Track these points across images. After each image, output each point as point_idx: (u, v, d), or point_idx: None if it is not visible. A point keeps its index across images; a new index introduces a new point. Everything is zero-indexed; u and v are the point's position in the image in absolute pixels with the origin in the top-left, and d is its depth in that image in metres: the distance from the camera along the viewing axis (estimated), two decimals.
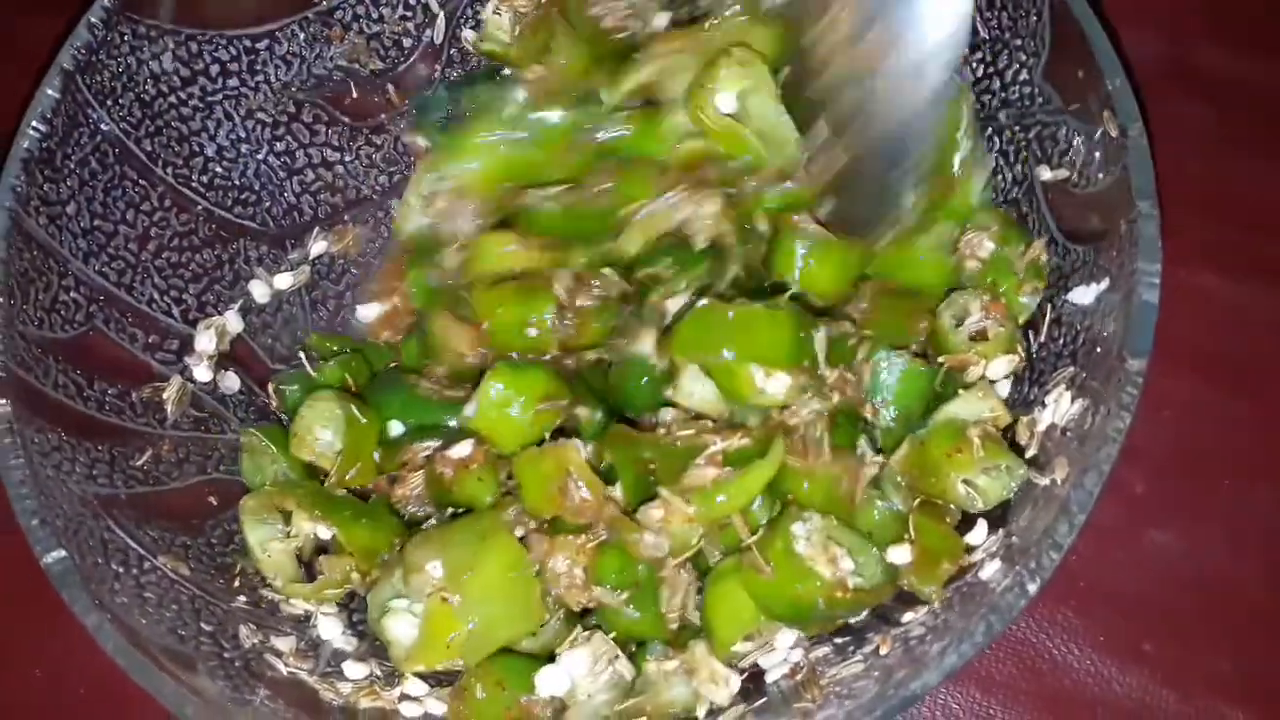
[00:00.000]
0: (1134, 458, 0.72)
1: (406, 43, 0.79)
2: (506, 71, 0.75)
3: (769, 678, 0.60)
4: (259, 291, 0.75)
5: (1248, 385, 0.75)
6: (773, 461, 0.59)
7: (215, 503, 0.66)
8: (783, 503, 0.61)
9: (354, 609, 0.67)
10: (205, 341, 0.69)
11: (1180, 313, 0.75)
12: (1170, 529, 0.72)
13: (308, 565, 0.65)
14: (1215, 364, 0.75)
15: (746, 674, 0.61)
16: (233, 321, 0.73)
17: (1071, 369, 0.59)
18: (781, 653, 0.61)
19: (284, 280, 0.76)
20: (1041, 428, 0.60)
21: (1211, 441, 0.74)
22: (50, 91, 0.63)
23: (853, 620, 0.60)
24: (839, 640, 0.60)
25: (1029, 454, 0.60)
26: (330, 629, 0.64)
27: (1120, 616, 0.69)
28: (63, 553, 0.54)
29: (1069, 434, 0.56)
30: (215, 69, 0.72)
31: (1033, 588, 0.50)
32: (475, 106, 0.76)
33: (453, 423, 0.66)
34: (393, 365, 0.74)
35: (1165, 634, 0.69)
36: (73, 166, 0.65)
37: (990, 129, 0.68)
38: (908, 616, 0.58)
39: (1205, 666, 0.68)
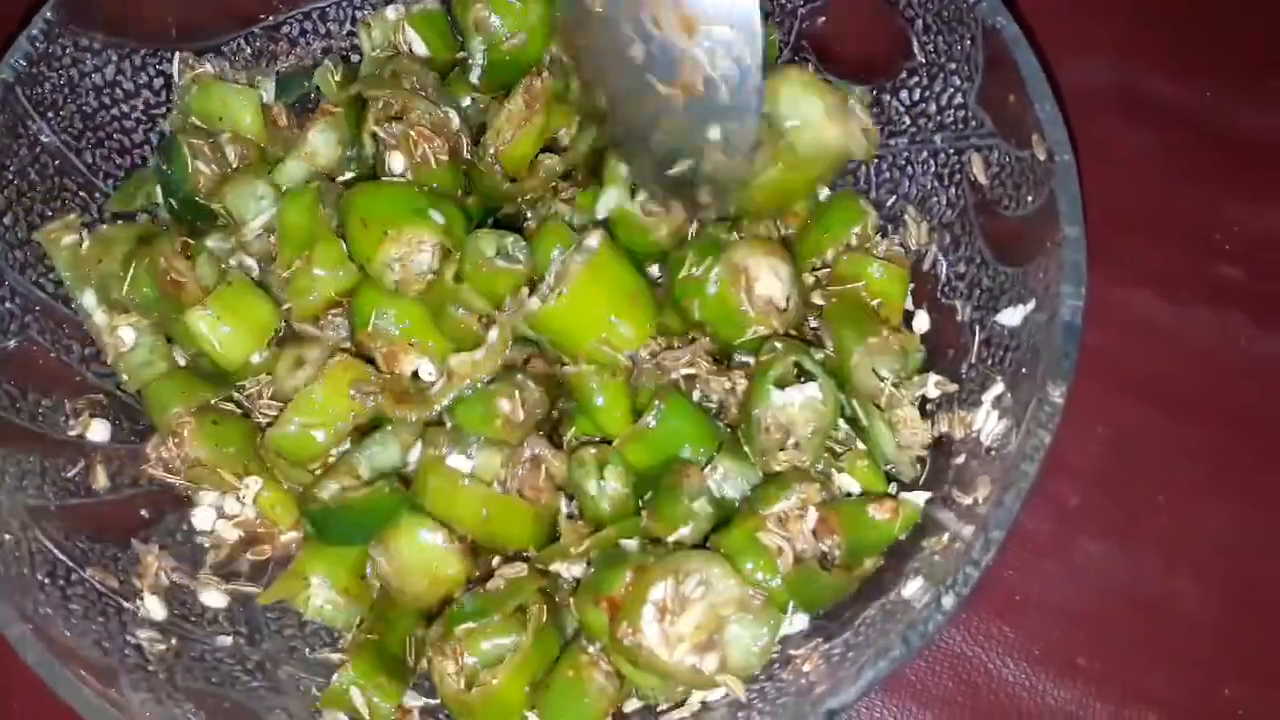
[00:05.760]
0: (1068, 472, 0.73)
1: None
2: None
3: (709, 698, 0.60)
4: None
5: (1183, 403, 0.76)
6: None
7: (147, 515, 0.66)
8: None
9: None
10: None
11: (1119, 332, 0.76)
12: (1104, 543, 0.72)
13: None
14: (1150, 382, 0.76)
15: None
16: None
17: (999, 389, 0.60)
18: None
19: None
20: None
21: (1147, 457, 0.74)
22: None
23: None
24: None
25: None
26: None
27: (1055, 630, 0.70)
28: None
29: (993, 453, 0.57)
30: (159, 82, 0.72)
31: (948, 602, 0.50)
32: None
33: None
34: None
35: (1099, 648, 0.70)
36: (10, 177, 0.65)
37: (926, 151, 0.69)
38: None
39: (1138, 680, 0.69)
